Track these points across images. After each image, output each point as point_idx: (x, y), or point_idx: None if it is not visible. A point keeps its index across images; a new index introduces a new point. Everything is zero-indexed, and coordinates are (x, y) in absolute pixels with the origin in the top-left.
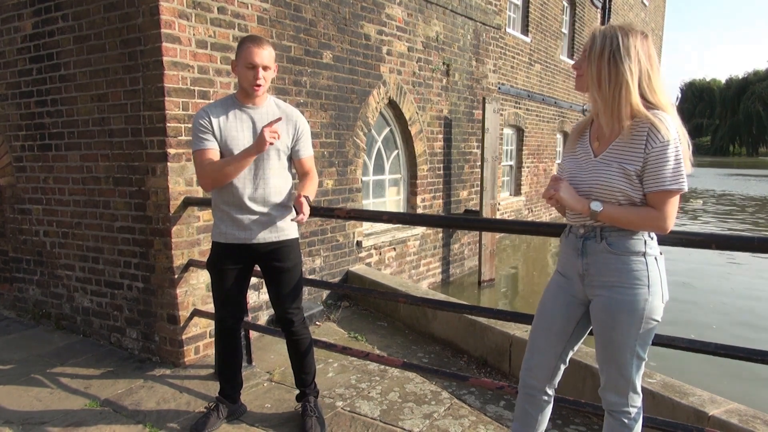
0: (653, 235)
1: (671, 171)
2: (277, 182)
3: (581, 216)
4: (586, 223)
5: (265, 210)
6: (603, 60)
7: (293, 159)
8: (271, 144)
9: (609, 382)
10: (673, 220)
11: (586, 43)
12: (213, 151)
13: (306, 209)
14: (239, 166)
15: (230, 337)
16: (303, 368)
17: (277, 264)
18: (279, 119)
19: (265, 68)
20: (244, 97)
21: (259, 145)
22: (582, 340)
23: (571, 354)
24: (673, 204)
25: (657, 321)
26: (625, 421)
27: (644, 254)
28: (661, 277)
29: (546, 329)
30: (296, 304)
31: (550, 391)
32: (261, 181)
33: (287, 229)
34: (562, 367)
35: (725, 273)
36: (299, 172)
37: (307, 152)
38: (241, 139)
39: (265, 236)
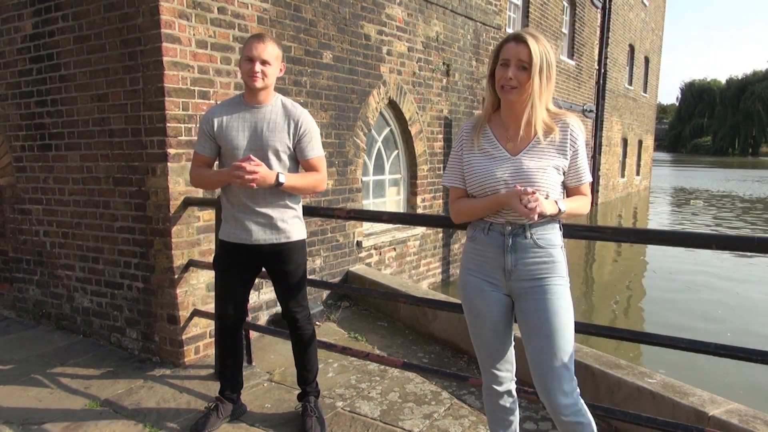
0: (562, 228)
1: (587, 164)
2: None
3: (507, 213)
4: (512, 221)
5: (266, 211)
6: (543, 70)
7: (299, 160)
8: (239, 183)
9: (561, 383)
10: None
11: (517, 54)
12: (204, 157)
13: (258, 167)
14: (217, 182)
15: (231, 336)
16: (306, 364)
17: (281, 266)
18: (248, 157)
19: (263, 62)
20: (248, 95)
21: (229, 177)
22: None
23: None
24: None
25: None
26: (584, 421)
27: (561, 247)
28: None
29: (493, 329)
30: (301, 301)
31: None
32: None
33: (289, 230)
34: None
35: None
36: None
37: (313, 153)
38: (240, 140)
39: (267, 237)
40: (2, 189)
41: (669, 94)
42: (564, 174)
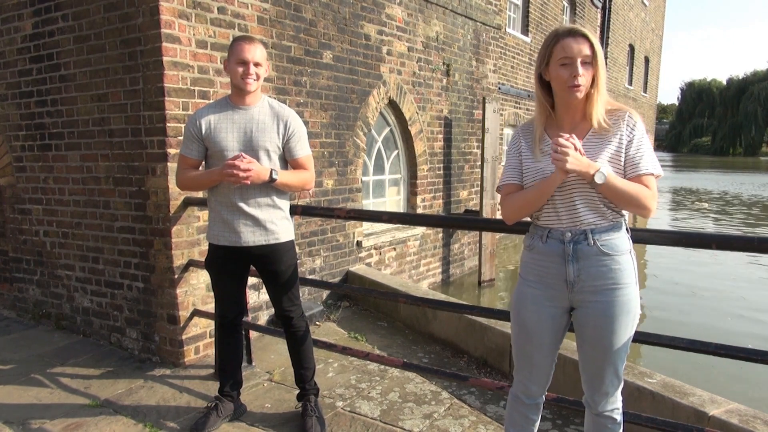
0: (629, 231)
1: (653, 153)
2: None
3: (565, 219)
4: (572, 228)
5: (255, 212)
6: (602, 62)
7: (287, 159)
8: (233, 181)
9: (606, 387)
10: None
11: (580, 51)
12: (191, 160)
13: (251, 164)
14: (208, 183)
15: (231, 333)
16: (302, 362)
17: (272, 267)
18: (240, 155)
19: (255, 64)
20: (237, 97)
21: (221, 175)
22: None
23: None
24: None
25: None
26: (617, 418)
27: (630, 252)
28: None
29: (538, 345)
30: (294, 300)
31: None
32: None
33: (278, 232)
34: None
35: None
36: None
37: (302, 152)
38: (229, 141)
39: (256, 239)
40: (2, 189)
41: (669, 94)
42: (623, 165)
